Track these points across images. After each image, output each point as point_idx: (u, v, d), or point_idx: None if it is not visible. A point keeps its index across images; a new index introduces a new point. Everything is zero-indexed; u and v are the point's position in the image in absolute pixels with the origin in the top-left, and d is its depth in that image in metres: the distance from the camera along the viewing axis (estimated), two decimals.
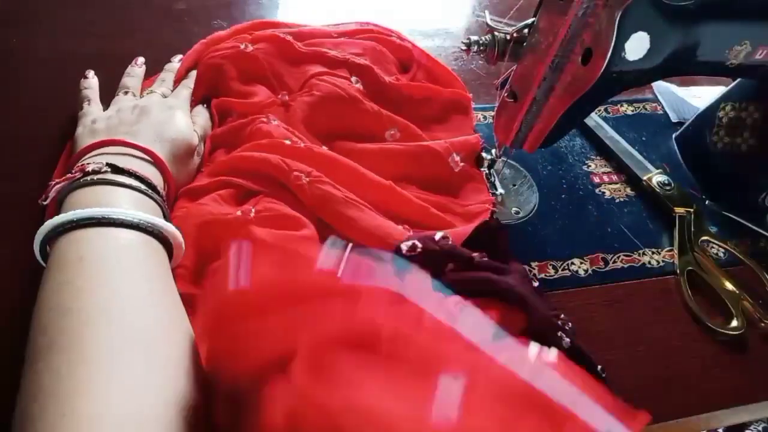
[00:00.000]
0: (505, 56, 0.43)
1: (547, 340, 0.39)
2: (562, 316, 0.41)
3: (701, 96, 0.65)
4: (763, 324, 0.47)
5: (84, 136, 0.44)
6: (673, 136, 0.62)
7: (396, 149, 0.50)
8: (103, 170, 0.37)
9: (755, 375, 0.46)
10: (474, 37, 0.44)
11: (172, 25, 0.65)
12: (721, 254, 0.52)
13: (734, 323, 0.47)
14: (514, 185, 0.55)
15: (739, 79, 0.55)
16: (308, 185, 0.43)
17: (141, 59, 0.55)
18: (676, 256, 0.51)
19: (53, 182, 0.38)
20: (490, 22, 0.44)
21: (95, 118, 0.46)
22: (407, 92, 0.55)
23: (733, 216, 0.55)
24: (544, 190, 0.55)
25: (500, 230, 0.48)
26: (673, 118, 0.64)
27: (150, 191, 0.38)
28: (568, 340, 0.40)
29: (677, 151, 0.61)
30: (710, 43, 0.42)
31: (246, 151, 0.46)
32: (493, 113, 0.57)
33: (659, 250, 0.52)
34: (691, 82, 0.68)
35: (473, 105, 0.59)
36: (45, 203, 0.37)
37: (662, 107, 0.66)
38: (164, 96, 0.50)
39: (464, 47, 0.44)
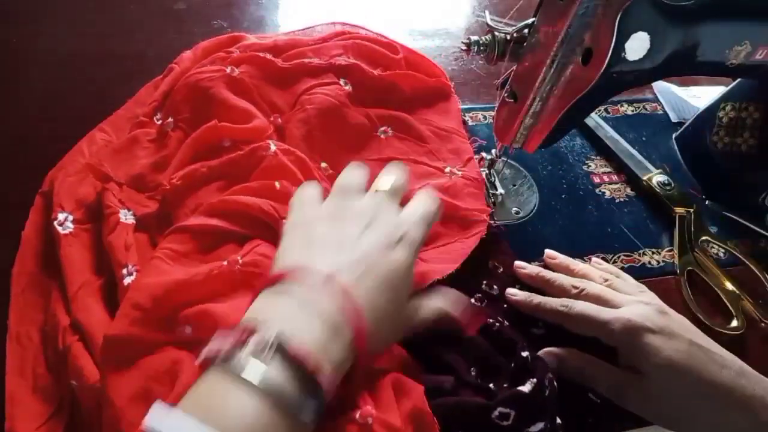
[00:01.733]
0: (505, 56, 0.43)
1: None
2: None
3: (701, 96, 0.65)
4: (763, 324, 0.47)
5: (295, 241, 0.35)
6: (673, 136, 0.62)
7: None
8: (265, 349, 0.27)
9: None
10: (474, 37, 0.44)
11: (172, 25, 0.65)
12: (721, 254, 0.52)
13: (734, 323, 0.47)
14: (514, 185, 0.55)
15: (739, 79, 0.55)
16: None
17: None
18: (676, 256, 0.51)
19: (219, 335, 0.29)
20: (490, 22, 0.44)
21: (316, 213, 0.37)
22: (396, 81, 0.55)
23: (733, 216, 0.55)
24: (544, 190, 0.55)
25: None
26: (673, 118, 0.64)
27: (300, 408, 0.27)
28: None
29: (677, 151, 0.61)
30: (710, 43, 0.42)
31: (239, 192, 0.44)
32: (493, 113, 0.57)
33: (659, 250, 0.52)
34: (691, 82, 0.68)
35: (476, 105, 0.60)
36: (198, 362, 0.29)
37: (662, 107, 0.65)
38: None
39: (464, 47, 0.44)
